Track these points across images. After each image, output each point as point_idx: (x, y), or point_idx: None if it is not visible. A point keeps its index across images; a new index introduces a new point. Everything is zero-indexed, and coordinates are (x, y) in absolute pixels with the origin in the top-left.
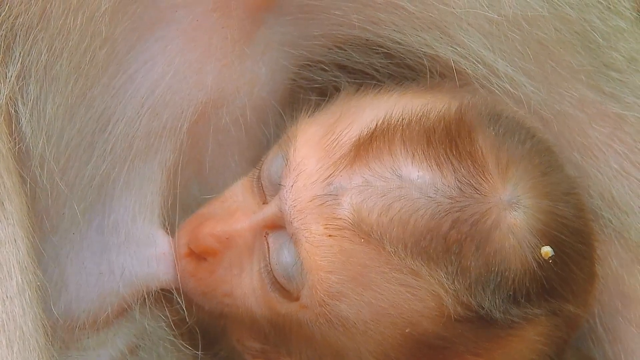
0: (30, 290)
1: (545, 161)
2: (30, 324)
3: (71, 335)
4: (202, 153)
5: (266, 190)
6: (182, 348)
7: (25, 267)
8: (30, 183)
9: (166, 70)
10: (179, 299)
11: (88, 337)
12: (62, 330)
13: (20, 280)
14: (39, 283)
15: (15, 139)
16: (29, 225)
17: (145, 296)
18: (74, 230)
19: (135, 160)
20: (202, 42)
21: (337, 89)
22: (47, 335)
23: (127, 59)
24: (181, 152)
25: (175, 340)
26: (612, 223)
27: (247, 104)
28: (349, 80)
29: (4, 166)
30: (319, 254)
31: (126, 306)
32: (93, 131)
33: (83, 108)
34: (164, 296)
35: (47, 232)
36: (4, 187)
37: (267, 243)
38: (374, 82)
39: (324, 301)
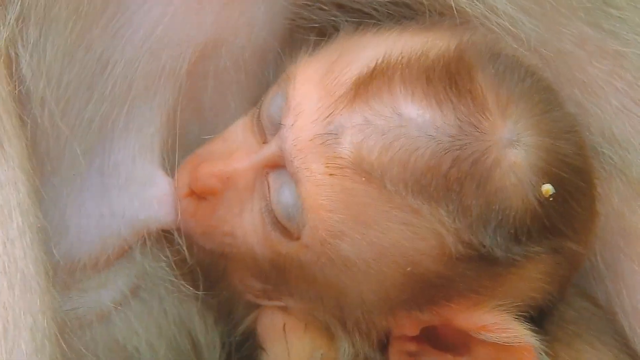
0: (31, 232)
1: (545, 99)
2: (31, 266)
3: (72, 277)
4: (202, 93)
5: (266, 130)
6: (183, 289)
7: (26, 209)
8: (30, 125)
9: (165, 11)
10: (179, 240)
11: (89, 278)
12: (63, 272)
13: (20, 222)
14: (39, 225)
15: (15, 81)
16: (30, 167)
17: (146, 237)
18: (75, 172)
19: (134, 102)
20: None
21: (336, 29)
22: (49, 277)
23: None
24: (180, 93)
25: (176, 280)
26: (612, 160)
27: (246, 44)
28: (348, 19)
29: (4, 109)
30: (320, 193)
31: (127, 247)
32: (92, 73)
33: (82, 50)
34: (164, 237)
35: (47, 174)
36: (4, 129)
37: (268, 182)
38: (373, 21)
39: (325, 240)
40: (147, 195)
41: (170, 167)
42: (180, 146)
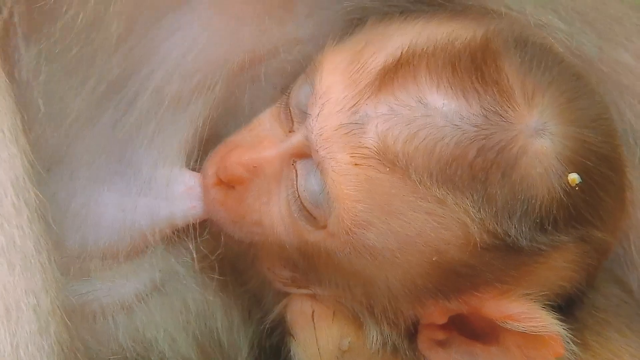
0: (29, 210)
1: (572, 87)
2: (31, 245)
3: (97, 265)
4: (236, 104)
5: (294, 118)
6: (208, 281)
7: (22, 186)
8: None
9: (199, 36)
10: (206, 232)
11: (111, 269)
12: (82, 262)
13: (14, 200)
14: (38, 202)
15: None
16: (25, 143)
17: (170, 231)
18: (99, 167)
19: (164, 113)
20: (235, 8)
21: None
22: (50, 256)
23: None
24: (213, 107)
25: (201, 273)
26: None
27: (286, 59)
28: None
29: None
30: (345, 182)
31: (151, 241)
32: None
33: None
34: (192, 228)
35: (73, 166)
36: None
37: (295, 170)
38: (401, 10)
39: (351, 230)
40: (172, 190)
41: (196, 159)
42: (207, 142)
